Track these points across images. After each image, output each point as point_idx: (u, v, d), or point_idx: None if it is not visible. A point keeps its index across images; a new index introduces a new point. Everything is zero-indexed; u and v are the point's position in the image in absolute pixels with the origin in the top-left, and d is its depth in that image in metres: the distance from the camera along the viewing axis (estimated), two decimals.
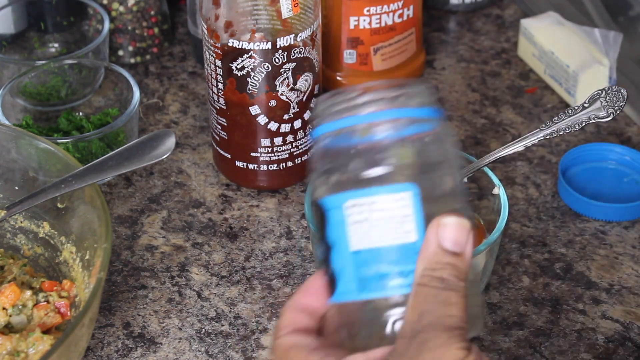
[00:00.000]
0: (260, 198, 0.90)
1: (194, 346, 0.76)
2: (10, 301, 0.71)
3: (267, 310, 0.79)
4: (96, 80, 1.00)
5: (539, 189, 0.91)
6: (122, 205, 0.89)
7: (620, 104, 0.77)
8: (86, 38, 1.06)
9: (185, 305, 0.80)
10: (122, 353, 0.76)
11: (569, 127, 0.78)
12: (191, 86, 1.04)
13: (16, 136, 0.78)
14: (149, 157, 0.77)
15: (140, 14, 1.06)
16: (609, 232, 0.86)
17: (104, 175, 0.75)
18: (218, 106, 0.86)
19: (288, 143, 0.87)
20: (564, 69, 0.99)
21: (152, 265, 0.83)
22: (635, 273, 0.82)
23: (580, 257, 0.84)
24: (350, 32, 0.98)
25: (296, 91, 0.85)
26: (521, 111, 1.00)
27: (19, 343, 0.68)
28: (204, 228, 0.87)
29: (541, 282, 0.81)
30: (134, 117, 0.91)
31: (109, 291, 0.81)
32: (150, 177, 0.92)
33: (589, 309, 0.79)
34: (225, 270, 0.83)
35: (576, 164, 0.92)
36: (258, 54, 0.82)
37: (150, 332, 0.77)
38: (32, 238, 0.79)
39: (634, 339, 0.76)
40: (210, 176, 0.92)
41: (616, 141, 0.96)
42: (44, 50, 1.07)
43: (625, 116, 0.99)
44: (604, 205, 0.86)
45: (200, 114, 1.00)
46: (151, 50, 1.08)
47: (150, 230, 0.87)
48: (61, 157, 0.76)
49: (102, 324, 0.78)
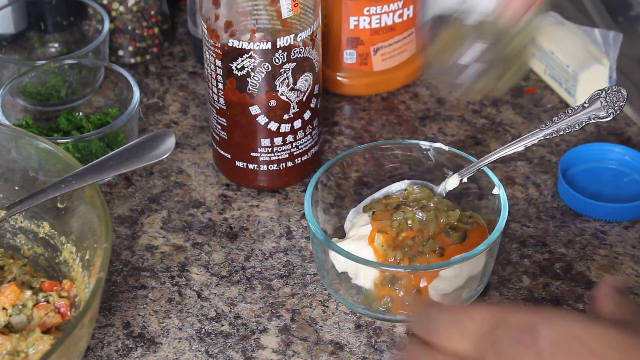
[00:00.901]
0: (260, 198, 0.90)
1: (194, 346, 0.76)
2: (10, 301, 0.71)
3: (267, 310, 0.79)
4: (96, 80, 1.00)
5: (539, 189, 0.91)
6: (122, 205, 0.89)
7: (620, 104, 0.77)
8: (86, 38, 1.06)
9: (185, 305, 0.80)
10: (122, 353, 0.76)
11: (569, 127, 0.78)
12: (191, 86, 1.04)
13: (16, 136, 0.78)
14: (149, 157, 0.77)
15: (140, 14, 1.06)
16: (609, 232, 0.86)
17: (104, 175, 0.74)
18: (218, 106, 0.87)
19: (288, 143, 0.87)
20: (563, 68, 0.99)
21: (152, 265, 0.83)
22: (635, 273, 0.82)
23: (580, 257, 0.84)
24: (350, 32, 0.98)
25: (296, 91, 0.85)
26: (521, 111, 1.00)
27: (19, 343, 0.68)
28: (204, 228, 0.87)
29: (541, 282, 0.81)
30: (134, 117, 0.91)
31: (109, 291, 0.81)
32: (150, 177, 0.92)
33: (589, 309, 0.79)
34: (225, 270, 0.83)
35: (576, 164, 0.92)
36: (258, 54, 0.82)
37: (150, 332, 0.77)
38: (32, 238, 0.79)
39: None
40: (210, 176, 0.92)
41: (616, 141, 0.96)
42: (44, 50, 1.07)
43: (625, 116, 0.99)
44: (604, 205, 0.86)
45: (200, 114, 1.00)
46: (151, 50, 1.08)
47: (150, 230, 0.87)
48: (61, 157, 0.76)
49: (102, 324, 0.78)
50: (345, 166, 0.83)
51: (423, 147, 0.84)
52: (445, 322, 0.54)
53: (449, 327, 0.54)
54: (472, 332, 0.53)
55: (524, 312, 0.53)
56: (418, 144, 0.84)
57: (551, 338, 0.52)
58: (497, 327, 0.53)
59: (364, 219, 0.81)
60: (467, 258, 0.73)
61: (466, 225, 0.79)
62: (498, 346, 0.52)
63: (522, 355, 0.52)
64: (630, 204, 0.86)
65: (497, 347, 0.52)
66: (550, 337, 0.52)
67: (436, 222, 0.78)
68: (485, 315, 0.53)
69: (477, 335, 0.53)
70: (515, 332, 0.52)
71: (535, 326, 0.52)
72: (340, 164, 0.83)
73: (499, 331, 0.52)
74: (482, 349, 0.53)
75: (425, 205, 0.80)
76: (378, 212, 0.80)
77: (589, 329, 0.52)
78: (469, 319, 0.54)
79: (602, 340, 0.52)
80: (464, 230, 0.78)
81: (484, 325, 0.53)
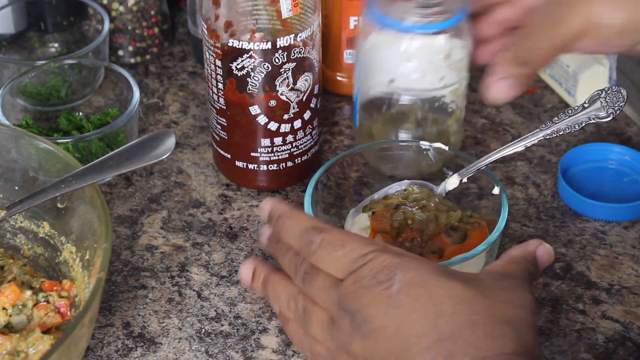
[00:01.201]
0: (260, 198, 0.90)
1: (194, 346, 0.76)
2: (10, 301, 0.71)
3: (267, 310, 0.79)
4: (96, 80, 1.00)
5: (539, 189, 0.91)
6: (122, 205, 0.89)
7: (620, 104, 0.77)
8: (86, 38, 1.06)
9: (185, 305, 0.80)
10: (122, 353, 0.76)
11: (569, 127, 0.78)
12: (191, 86, 1.04)
13: (16, 136, 0.78)
14: (149, 157, 0.77)
15: (140, 13, 1.06)
16: (609, 232, 0.86)
17: (104, 175, 0.75)
18: (218, 106, 0.87)
19: (288, 143, 0.87)
20: (563, 68, 0.99)
21: (152, 265, 0.83)
22: (635, 273, 0.82)
23: (580, 257, 0.84)
24: (350, 32, 0.98)
25: (296, 91, 0.85)
26: (521, 111, 1.00)
27: (19, 343, 0.68)
28: (204, 228, 0.87)
29: (541, 282, 0.81)
30: (134, 117, 0.91)
31: (109, 291, 0.81)
32: (150, 177, 0.92)
33: (589, 309, 0.79)
34: (225, 270, 0.83)
35: (576, 164, 0.92)
36: (258, 54, 0.82)
37: (150, 332, 0.77)
38: (32, 238, 0.79)
39: (634, 339, 0.76)
40: (210, 176, 0.92)
41: (616, 141, 0.96)
42: (44, 50, 1.07)
43: (625, 116, 0.99)
44: (604, 205, 0.86)
45: (200, 114, 1.00)
46: (151, 50, 1.08)
47: (150, 230, 0.87)
48: (61, 157, 0.76)
49: (102, 324, 0.78)
50: (345, 166, 0.83)
51: (423, 147, 0.84)
52: (323, 244, 0.64)
53: (326, 248, 0.64)
54: (344, 262, 0.63)
55: (390, 255, 0.62)
56: (418, 144, 0.84)
57: (403, 281, 0.61)
58: (365, 261, 0.62)
59: (364, 219, 0.81)
60: (467, 258, 0.73)
61: (466, 225, 0.79)
62: (359, 276, 0.62)
63: (375, 289, 0.61)
64: (630, 204, 0.86)
65: (357, 277, 0.62)
66: (402, 280, 0.61)
67: (436, 223, 0.78)
68: (359, 250, 0.63)
69: (347, 263, 0.63)
70: (376, 270, 0.62)
71: (394, 269, 0.61)
72: (340, 164, 0.83)
73: (364, 266, 0.62)
74: (345, 274, 0.63)
75: (425, 206, 0.80)
76: (378, 213, 0.80)
77: (437, 279, 0.61)
78: (343, 249, 0.63)
79: (443, 290, 0.60)
80: (464, 230, 0.78)
81: (354, 255, 0.63)
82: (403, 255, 0.63)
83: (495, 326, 0.60)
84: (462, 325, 0.59)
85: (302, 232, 0.66)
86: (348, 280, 0.63)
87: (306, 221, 0.67)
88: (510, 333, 0.60)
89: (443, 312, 0.60)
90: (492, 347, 0.59)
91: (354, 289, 0.62)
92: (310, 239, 0.65)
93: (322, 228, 0.66)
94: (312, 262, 0.65)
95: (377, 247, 0.64)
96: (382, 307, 0.61)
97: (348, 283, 0.62)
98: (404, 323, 0.60)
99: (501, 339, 0.59)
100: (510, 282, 0.64)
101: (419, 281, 0.61)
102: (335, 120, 1.00)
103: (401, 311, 0.60)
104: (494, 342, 0.59)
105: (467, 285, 0.61)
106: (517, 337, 0.60)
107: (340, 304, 0.63)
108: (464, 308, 0.60)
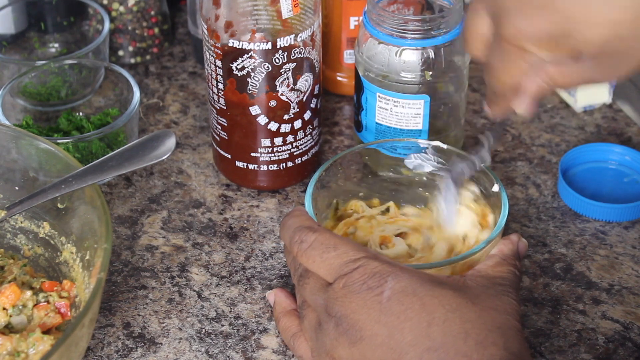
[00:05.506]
0: (260, 198, 0.90)
1: (194, 346, 0.76)
2: (10, 301, 0.71)
3: (267, 311, 0.79)
4: (96, 81, 1.00)
5: (539, 189, 0.91)
6: (122, 206, 0.89)
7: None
8: (86, 38, 1.06)
9: (186, 306, 0.80)
10: (122, 353, 0.76)
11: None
12: (191, 86, 1.04)
13: (16, 136, 0.78)
14: (149, 158, 0.77)
15: (140, 14, 1.06)
16: (609, 232, 0.86)
17: (104, 176, 0.75)
18: (218, 106, 0.87)
19: (288, 143, 0.87)
20: None
21: (152, 266, 0.83)
22: (635, 273, 0.82)
23: (580, 257, 0.84)
24: (350, 32, 0.98)
25: (296, 91, 0.85)
26: None
27: (19, 343, 0.68)
28: (204, 228, 0.87)
29: (541, 282, 0.81)
30: (134, 117, 0.91)
31: (109, 291, 0.81)
32: (151, 177, 0.92)
33: (589, 309, 0.79)
34: (225, 270, 0.83)
35: (576, 164, 0.92)
36: (258, 54, 0.82)
37: (150, 333, 0.77)
38: (32, 238, 0.79)
39: (634, 339, 0.76)
40: (210, 176, 0.92)
41: (616, 141, 0.96)
42: (44, 50, 1.07)
43: (625, 116, 0.99)
44: (604, 205, 0.86)
45: (200, 114, 1.00)
46: (151, 50, 1.08)
47: (150, 230, 0.87)
48: (61, 157, 0.76)
49: (102, 324, 0.78)
50: (345, 166, 0.83)
51: (421, 145, 0.84)
52: (314, 244, 0.65)
53: (317, 248, 0.64)
54: (334, 264, 0.63)
55: (381, 263, 0.63)
56: (417, 142, 0.84)
57: (394, 288, 0.61)
58: (355, 266, 0.63)
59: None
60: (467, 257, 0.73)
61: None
62: (349, 280, 0.62)
63: (364, 294, 0.61)
64: (630, 204, 0.86)
65: (347, 281, 0.62)
66: (393, 288, 0.61)
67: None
68: (351, 254, 0.63)
69: (337, 266, 0.63)
70: (367, 275, 0.62)
71: (386, 276, 0.62)
72: (340, 164, 0.83)
73: (355, 271, 0.62)
74: (335, 277, 0.63)
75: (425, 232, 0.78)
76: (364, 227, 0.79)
77: (428, 288, 0.61)
78: (335, 251, 0.64)
79: (435, 299, 0.61)
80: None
81: (345, 258, 0.63)
82: (394, 264, 0.63)
83: (487, 334, 0.60)
84: (455, 335, 0.60)
85: (295, 231, 0.66)
86: (337, 284, 0.63)
87: (302, 221, 0.67)
88: (500, 340, 0.60)
89: (435, 320, 0.60)
90: (483, 355, 0.59)
91: (343, 293, 0.62)
92: (302, 237, 0.66)
93: (315, 229, 0.66)
94: (302, 261, 0.66)
95: (368, 253, 0.64)
96: (373, 314, 0.61)
97: (337, 286, 0.63)
98: (395, 331, 0.60)
99: (492, 347, 0.60)
100: (497, 289, 0.64)
101: (411, 290, 0.61)
102: (335, 120, 1.00)
103: (393, 319, 0.60)
104: (485, 350, 0.59)
105: (457, 292, 0.62)
106: (507, 343, 0.60)
107: (327, 307, 0.63)
108: (455, 316, 0.60)
